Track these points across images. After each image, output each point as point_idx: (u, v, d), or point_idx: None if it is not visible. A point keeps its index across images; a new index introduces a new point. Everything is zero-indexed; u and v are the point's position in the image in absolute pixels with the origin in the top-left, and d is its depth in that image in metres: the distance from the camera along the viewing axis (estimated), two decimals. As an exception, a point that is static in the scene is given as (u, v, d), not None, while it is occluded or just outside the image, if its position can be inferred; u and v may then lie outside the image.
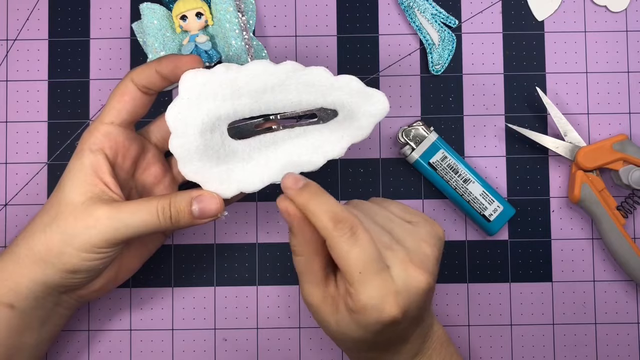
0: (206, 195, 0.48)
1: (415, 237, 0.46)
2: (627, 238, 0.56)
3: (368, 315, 0.44)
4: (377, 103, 0.48)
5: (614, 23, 0.59)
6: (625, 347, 0.58)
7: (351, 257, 0.43)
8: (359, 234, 0.43)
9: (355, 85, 0.48)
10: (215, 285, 0.58)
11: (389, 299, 0.43)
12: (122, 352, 0.58)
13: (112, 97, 0.49)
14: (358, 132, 0.49)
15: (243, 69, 0.47)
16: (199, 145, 0.47)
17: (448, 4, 0.59)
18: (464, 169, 0.57)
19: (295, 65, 0.48)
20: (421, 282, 0.45)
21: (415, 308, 0.45)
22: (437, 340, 0.50)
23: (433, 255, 0.46)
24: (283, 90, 0.48)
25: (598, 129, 0.59)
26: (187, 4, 0.56)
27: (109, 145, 0.48)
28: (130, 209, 0.47)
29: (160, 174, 0.52)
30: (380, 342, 0.46)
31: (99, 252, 0.47)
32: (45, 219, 0.48)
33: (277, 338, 0.58)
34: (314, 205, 0.44)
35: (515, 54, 0.59)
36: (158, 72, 0.48)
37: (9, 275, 0.48)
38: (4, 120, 0.58)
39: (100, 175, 0.48)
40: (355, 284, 0.43)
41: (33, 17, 0.59)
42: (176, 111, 0.47)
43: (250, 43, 0.57)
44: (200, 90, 0.47)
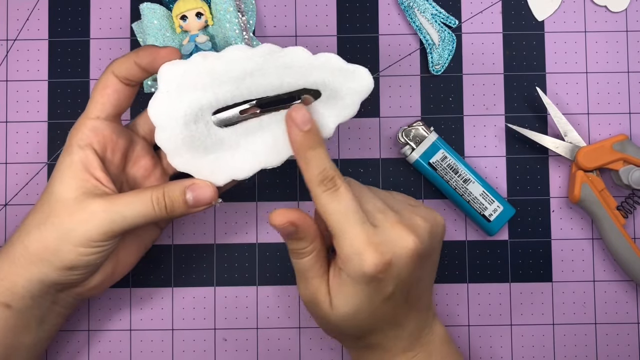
0: (199, 184, 0.48)
1: (411, 210, 0.47)
2: (627, 238, 0.56)
3: (352, 265, 0.44)
4: (360, 79, 0.48)
5: (614, 23, 0.59)
6: (625, 347, 0.58)
7: (331, 209, 0.45)
8: (341, 191, 0.45)
9: (336, 63, 0.48)
10: (215, 285, 0.58)
11: (370, 247, 0.44)
12: (122, 352, 0.58)
13: (95, 91, 0.49)
14: (344, 111, 0.48)
15: (220, 55, 0.47)
16: (184, 136, 0.47)
17: (448, 4, 0.59)
18: (464, 169, 0.57)
19: (272, 47, 0.47)
20: (408, 241, 0.45)
21: (401, 268, 0.45)
22: (437, 337, 0.50)
23: (426, 228, 0.46)
24: (263, 74, 0.47)
25: (598, 129, 0.59)
26: (187, 4, 0.56)
27: (96, 140, 0.48)
28: (125, 201, 0.47)
29: (150, 166, 0.52)
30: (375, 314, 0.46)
31: (95, 246, 0.47)
32: (39, 217, 0.48)
33: (277, 338, 0.58)
34: (311, 156, 0.45)
35: (515, 54, 0.59)
36: (137, 63, 0.48)
37: (5, 275, 0.48)
38: (4, 120, 0.58)
39: (91, 171, 0.48)
40: (338, 235, 0.45)
41: (33, 17, 0.59)
42: (157, 105, 0.47)
43: (250, 43, 0.57)
44: (179, 81, 0.47)
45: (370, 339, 0.48)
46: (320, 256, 0.47)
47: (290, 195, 0.58)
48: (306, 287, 0.47)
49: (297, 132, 0.45)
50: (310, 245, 0.46)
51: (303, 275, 0.47)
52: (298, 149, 0.46)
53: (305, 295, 0.48)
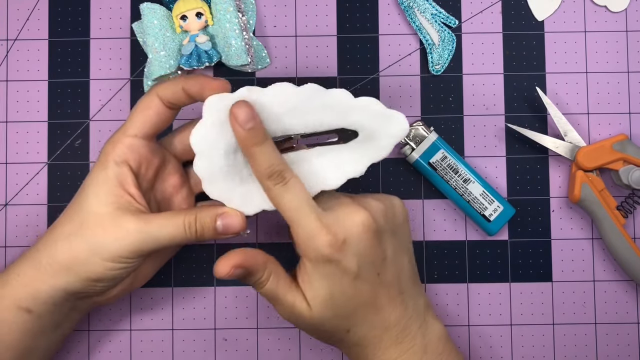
0: (230, 213, 0.49)
1: (364, 196, 0.49)
2: (627, 238, 0.56)
3: (308, 251, 0.46)
4: (397, 124, 0.49)
5: (614, 23, 0.59)
6: (625, 347, 0.58)
7: (284, 200, 0.47)
8: (291, 184, 0.47)
9: (375, 108, 0.49)
10: (215, 285, 0.58)
11: (321, 227, 0.46)
12: (122, 352, 0.58)
13: (136, 109, 0.49)
14: (378, 153, 0.49)
15: (265, 91, 0.48)
16: (222, 166, 0.48)
17: (448, 4, 0.59)
18: (464, 169, 0.57)
19: (316, 87, 0.48)
20: (358, 216, 0.47)
21: (358, 243, 0.46)
22: (434, 333, 0.50)
23: (379, 207, 0.48)
24: (304, 111, 0.48)
25: (598, 129, 0.59)
26: (187, 4, 0.56)
27: (132, 157, 0.49)
28: (159, 223, 0.48)
29: (178, 184, 0.52)
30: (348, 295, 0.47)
31: (124, 262, 0.48)
32: (69, 228, 0.48)
33: (277, 338, 0.58)
34: (257, 152, 0.47)
35: (515, 54, 0.59)
36: (185, 90, 0.48)
37: (29, 281, 0.48)
38: (4, 120, 0.58)
39: (125, 187, 0.48)
40: (292, 223, 0.47)
41: (33, 17, 0.59)
42: (201, 135, 0.47)
43: (250, 43, 0.57)
44: (223, 113, 0.47)
45: (358, 330, 0.49)
46: (279, 274, 0.48)
47: (290, 195, 0.58)
48: (282, 307, 0.49)
49: (240, 129, 0.46)
50: (264, 273, 0.48)
51: (273, 298, 0.48)
52: (243, 146, 0.47)
53: (284, 313, 0.49)
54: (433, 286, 0.58)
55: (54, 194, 0.58)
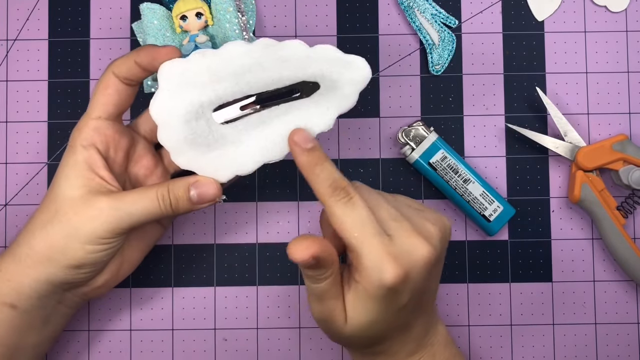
0: (203, 181, 0.48)
1: (420, 216, 0.47)
2: (627, 238, 0.56)
3: (370, 278, 0.44)
4: (358, 69, 0.48)
5: (614, 23, 0.59)
6: (625, 347, 0.58)
7: (347, 221, 0.44)
8: (355, 200, 0.45)
9: (333, 54, 0.48)
10: (215, 285, 0.58)
11: (389, 259, 0.43)
12: (122, 352, 0.58)
13: (96, 91, 0.49)
14: (343, 102, 0.48)
15: (218, 52, 0.47)
16: (186, 134, 0.48)
17: (448, 4, 0.59)
18: (464, 169, 0.57)
19: (269, 41, 0.47)
20: (424, 250, 0.45)
21: (417, 278, 0.45)
22: (440, 339, 0.50)
23: (437, 235, 0.46)
24: (262, 68, 0.47)
25: (598, 129, 0.59)
26: (187, 4, 0.56)
27: (99, 139, 0.49)
28: (132, 198, 0.47)
29: (151, 165, 0.52)
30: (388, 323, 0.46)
31: (103, 243, 0.47)
32: (45, 216, 0.48)
33: (277, 338, 0.58)
34: (319, 170, 0.45)
35: (515, 54, 0.59)
36: (137, 63, 0.48)
37: (11, 276, 0.48)
38: (4, 120, 0.58)
39: (95, 170, 0.48)
40: (355, 248, 0.44)
41: (33, 17, 0.59)
42: (158, 104, 0.47)
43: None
44: (178, 80, 0.47)
45: (380, 346, 0.48)
46: (337, 278, 0.46)
47: (290, 195, 0.58)
48: (321, 307, 0.47)
49: (301, 152, 0.46)
50: (329, 271, 0.45)
51: (319, 297, 0.46)
52: (306, 168, 0.46)
53: (319, 313, 0.47)
54: (433, 286, 0.58)
55: (54, 194, 0.58)
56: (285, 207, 0.58)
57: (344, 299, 0.46)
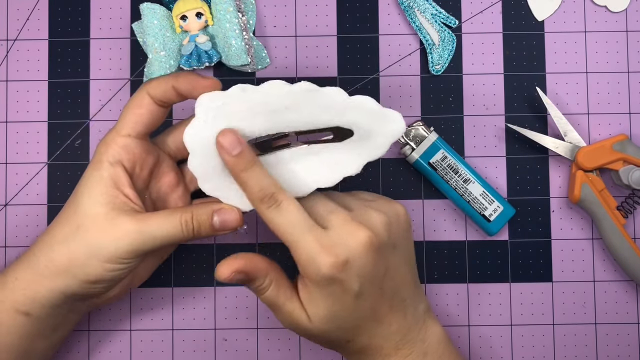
0: (227, 209, 0.49)
1: (365, 206, 0.48)
2: (627, 238, 0.56)
3: (309, 271, 0.46)
4: (393, 123, 0.48)
5: (614, 23, 0.59)
6: (625, 347, 0.58)
7: (279, 224, 0.46)
8: (283, 205, 0.46)
9: (371, 106, 0.48)
10: (215, 285, 0.58)
11: (322, 250, 0.45)
12: (122, 352, 0.58)
13: (127, 109, 0.49)
14: (374, 151, 0.49)
15: (258, 89, 0.47)
16: (216, 163, 0.48)
17: (448, 4, 0.59)
18: (464, 169, 0.57)
19: (309, 85, 0.48)
20: (360, 235, 0.46)
21: (360, 263, 0.46)
22: (433, 336, 0.50)
23: (380, 220, 0.47)
24: (298, 109, 0.48)
25: (598, 129, 0.59)
26: (187, 4, 0.56)
27: (127, 157, 0.49)
28: (156, 222, 0.48)
29: (174, 183, 0.52)
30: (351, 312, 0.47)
31: (122, 263, 0.48)
32: (66, 230, 0.48)
33: (277, 338, 0.58)
34: (246, 177, 0.46)
35: (515, 54, 0.59)
36: (175, 88, 0.48)
37: (28, 285, 0.48)
38: (4, 120, 0.58)
39: (120, 188, 0.48)
40: (291, 247, 0.46)
41: (33, 17, 0.59)
42: (193, 133, 0.47)
43: (250, 43, 0.57)
44: (216, 112, 0.47)
45: (358, 340, 0.48)
46: (281, 282, 0.48)
47: (290, 195, 0.58)
48: (282, 314, 0.48)
49: (227, 156, 0.46)
50: (266, 280, 0.48)
51: (273, 305, 0.48)
52: (233, 172, 0.47)
53: (283, 320, 0.49)
54: (433, 286, 0.58)
55: (54, 194, 0.58)
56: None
57: (300, 300, 0.48)
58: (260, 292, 0.48)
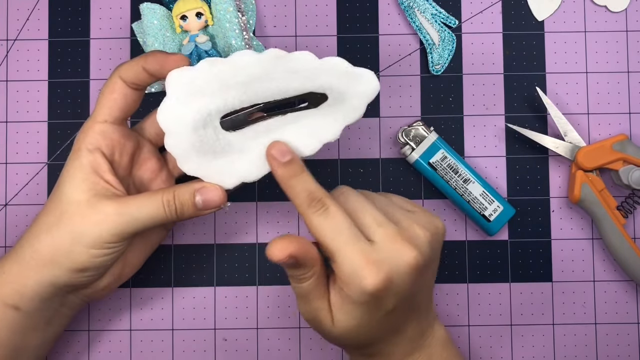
0: (208, 187, 0.48)
1: (409, 219, 0.47)
2: (627, 238, 0.56)
3: (351, 285, 0.44)
4: (367, 83, 0.48)
5: (614, 23, 0.59)
6: (625, 347, 0.58)
7: (324, 230, 0.44)
8: (331, 210, 0.45)
9: (342, 67, 0.48)
10: (215, 285, 0.58)
11: (370, 266, 0.43)
12: (122, 352, 0.58)
13: (101, 95, 0.49)
14: (351, 114, 0.48)
15: (227, 61, 0.47)
16: (194, 142, 0.48)
17: (448, 4, 0.59)
18: (464, 169, 0.57)
19: (279, 52, 0.47)
20: (408, 256, 0.44)
21: (402, 283, 0.45)
22: (438, 340, 0.50)
23: (426, 239, 0.46)
24: (270, 78, 0.47)
25: (598, 129, 0.59)
26: (187, 4, 0.56)
27: (105, 143, 0.49)
28: (137, 203, 0.47)
29: (156, 168, 0.52)
30: (377, 327, 0.46)
31: (108, 248, 0.48)
32: (49, 219, 0.48)
33: (277, 338, 0.58)
34: (295, 182, 0.46)
35: (515, 54, 0.59)
36: (145, 69, 0.48)
37: (15, 278, 0.48)
38: (4, 120, 0.58)
39: (100, 174, 0.48)
40: (333, 255, 0.44)
41: (33, 17, 0.59)
42: (166, 112, 0.47)
43: (250, 43, 0.57)
44: (187, 88, 0.47)
45: (372, 348, 0.48)
46: (320, 278, 0.46)
47: (290, 195, 0.58)
48: (307, 308, 0.47)
49: (278, 165, 0.46)
50: (311, 271, 0.46)
51: (304, 297, 0.47)
52: (283, 180, 0.46)
53: (306, 313, 0.48)
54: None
55: (54, 194, 0.58)
56: (285, 207, 0.58)
57: (329, 302, 0.46)
58: (299, 280, 0.46)
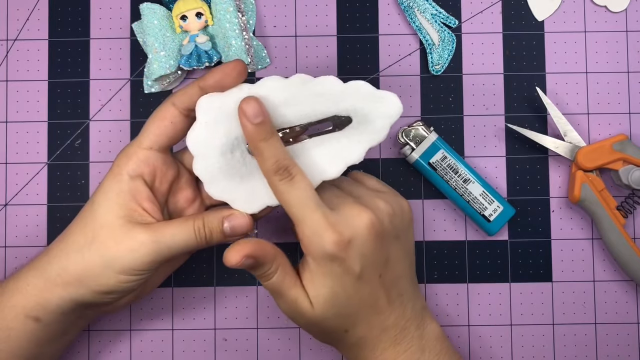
0: (236, 214, 0.49)
1: (373, 195, 0.49)
2: (627, 238, 0.56)
3: (312, 246, 0.46)
4: (390, 105, 0.49)
5: (614, 23, 0.59)
6: (625, 347, 0.58)
7: (289, 197, 0.46)
8: (297, 179, 0.46)
9: (366, 90, 0.49)
10: (215, 285, 0.58)
11: (328, 226, 0.46)
12: (121, 352, 0.58)
13: (151, 121, 0.49)
14: (374, 136, 0.49)
15: (255, 87, 0.48)
16: (221, 165, 0.48)
17: (448, 4, 0.59)
18: (464, 169, 0.57)
19: (304, 77, 0.48)
20: (364, 218, 0.46)
21: (362, 244, 0.46)
22: (431, 333, 0.50)
23: (386, 210, 0.48)
24: (296, 102, 0.48)
25: (598, 129, 0.59)
26: (187, 4, 0.56)
27: (148, 170, 0.49)
28: (171, 232, 0.48)
29: (191, 198, 0.52)
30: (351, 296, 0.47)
31: (137, 274, 0.48)
32: (81, 240, 0.48)
33: (277, 338, 0.58)
34: (264, 147, 0.46)
35: (515, 54, 0.59)
36: (202, 87, 0.48)
37: (39, 292, 0.48)
38: (4, 120, 0.58)
39: (139, 201, 0.48)
40: (297, 220, 0.46)
41: (33, 17, 0.59)
42: (195, 136, 0.48)
43: (250, 43, 0.57)
44: (216, 113, 0.48)
45: (357, 330, 0.49)
46: (286, 269, 0.48)
47: (290, 195, 0.58)
48: (285, 301, 0.48)
49: (248, 124, 0.46)
50: (273, 265, 0.47)
51: (277, 292, 0.48)
52: (251, 141, 0.47)
53: (286, 308, 0.49)
54: (433, 286, 0.58)
55: (54, 194, 0.58)
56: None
57: (303, 286, 0.48)
58: (266, 278, 0.48)
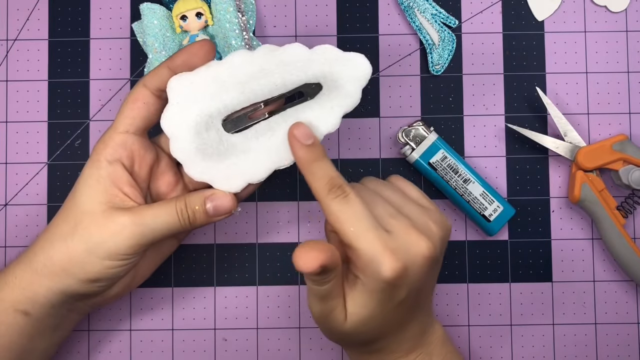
0: (218, 194, 0.49)
1: (423, 214, 0.47)
2: (627, 238, 0.56)
3: (369, 271, 0.44)
4: (358, 66, 0.48)
5: (614, 23, 0.59)
6: (625, 347, 0.58)
7: (343, 217, 0.44)
8: (350, 197, 0.45)
9: (333, 54, 0.48)
10: (215, 285, 0.58)
11: (387, 253, 0.44)
12: (122, 352, 0.58)
13: (124, 104, 0.49)
14: (347, 100, 0.49)
15: (222, 63, 0.48)
16: (197, 145, 0.48)
17: (448, 4, 0.59)
18: (464, 169, 0.57)
19: (271, 47, 0.48)
20: (422, 246, 0.45)
21: (415, 274, 0.45)
22: (438, 338, 0.50)
23: (438, 234, 0.46)
24: (265, 74, 0.48)
25: (598, 129, 0.59)
26: (187, 4, 0.56)
27: (125, 154, 0.49)
28: (153, 213, 0.47)
29: (173, 182, 0.52)
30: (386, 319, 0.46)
31: (122, 259, 0.48)
32: (64, 228, 0.48)
33: (277, 338, 0.58)
34: (316, 167, 0.46)
35: (515, 54, 0.59)
36: (171, 68, 0.48)
37: (27, 284, 0.48)
38: (4, 120, 0.58)
39: (119, 186, 0.48)
40: (352, 243, 0.44)
41: (33, 17, 0.59)
42: (169, 117, 0.48)
43: (250, 43, 0.57)
44: (187, 92, 0.48)
45: (377, 344, 0.48)
46: (339, 278, 0.46)
47: (290, 195, 0.58)
48: (322, 307, 0.46)
49: (300, 147, 0.46)
50: (333, 274, 0.45)
51: (320, 297, 0.46)
52: (303, 164, 0.46)
53: (318, 312, 0.47)
54: (433, 286, 0.58)
55: (54, 194, 0.58)
56: (285, 207, 0.58)
57: (344, 298, 0.46)
58: (322, 283, 0.45)
